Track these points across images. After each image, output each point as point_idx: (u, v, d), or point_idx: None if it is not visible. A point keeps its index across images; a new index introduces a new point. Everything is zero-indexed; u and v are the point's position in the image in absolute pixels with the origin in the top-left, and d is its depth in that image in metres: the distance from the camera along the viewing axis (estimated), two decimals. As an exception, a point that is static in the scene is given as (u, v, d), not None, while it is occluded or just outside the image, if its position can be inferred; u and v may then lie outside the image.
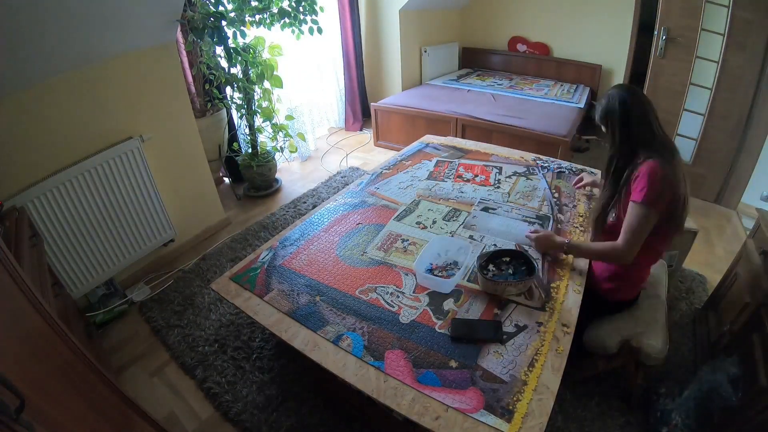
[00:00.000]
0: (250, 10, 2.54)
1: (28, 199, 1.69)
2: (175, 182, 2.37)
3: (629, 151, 1.32)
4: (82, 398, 0.97)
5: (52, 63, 1.68)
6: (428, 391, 1.07)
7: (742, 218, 2.69)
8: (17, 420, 0.62)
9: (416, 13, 4.19)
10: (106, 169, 1.94)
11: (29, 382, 0.77)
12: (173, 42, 2.20)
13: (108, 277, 2.06)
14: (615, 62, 4.13)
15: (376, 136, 3.97)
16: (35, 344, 0.94)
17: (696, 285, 2.13)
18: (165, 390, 1.68)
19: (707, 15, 2.55)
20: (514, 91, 4.05)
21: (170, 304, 2.07)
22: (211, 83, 2.77)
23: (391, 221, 1.79)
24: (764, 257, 1.46)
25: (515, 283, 1.35)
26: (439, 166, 2.27)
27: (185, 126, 2.37)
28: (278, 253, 1.64)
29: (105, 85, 1.93)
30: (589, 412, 1.49)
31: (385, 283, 1.45)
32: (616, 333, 1.41)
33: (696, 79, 2.72)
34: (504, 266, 1.44)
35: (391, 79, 4.39)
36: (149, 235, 2.21)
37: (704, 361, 1.58)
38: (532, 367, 1.12)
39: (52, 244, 1.80)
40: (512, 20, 4.68)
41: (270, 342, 1.80)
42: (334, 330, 1.28)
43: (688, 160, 2.92)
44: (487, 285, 1.38)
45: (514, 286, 1.35)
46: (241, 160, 3.04)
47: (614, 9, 3.93)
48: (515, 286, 1.35)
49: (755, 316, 1.37)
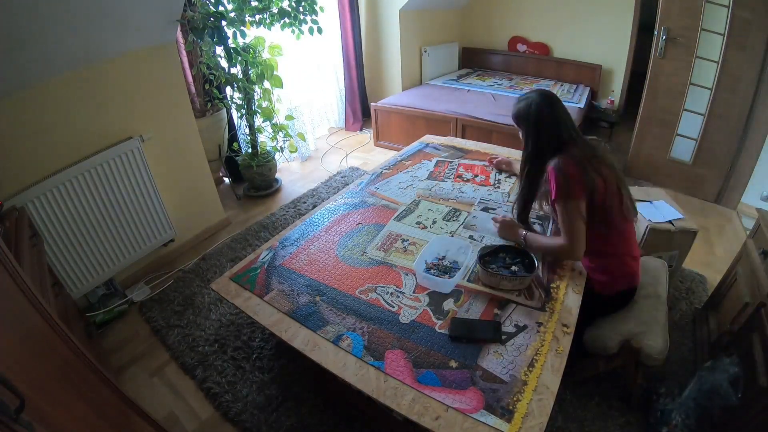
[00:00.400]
0: (250, 10, 2.54)
1: (28, 199, 1.69)
2: (175, 182, 2.37)
3: (539, 154, 1.40)
4: (82, 398, 0.97)
5: (52, 63, 1.68)
6: (428, 391, 1.07)
7: (742, 218, 2.69)
8: (17, 420, 0.62)
9: (416, 13, 4.19)
10: (106, 169, 1.94)
11: (29, 382, 0.77)
12: (173, 42, 2.20)
13: (108, 277, 2.06)
14: (615, 62, 4.13)
15: (376, 136, 3.97)
16: (35, 344, 0.94)
17: (696, 285, 2.13)
18: (165, 390, 1.68)
19: (707, 15, 2.55)
20: (514, 91, 4.05)
21: (170, 304, 2.07)
22: (211, 83, 2.77)
23: (391, 221, 1.79)
24: (764, 257, 1.46)
25: (510, 278, 1.35)
26: (439, 166, 2.27)
27: (185, 126, 2.37)
28: (278, 253, 1.64)
29: (105, 85, 1.93)
30: (589, 412, 1.49)
31: (385, 283, 1.45)
32: (617, 333, 1.41)
33: (696, 79, 2.72)
34: (505, 261, 1.45)
35: (391, 79, 4.39)
36: (149, 235, 2.21)
37: (704, 361, 1.58)
38: (532, 367, 1.12)
39: (52, 244, 1.80)
40: (512, 20, 4.68)
41: (270, 342, 1.80)
42: (334, 330, 1.28)
43: (688, 160, 2.92)
44: (483, 276, 1.40)
45: (509, 281, 1.36)
46: (241, 160, 3.04)
47: (614, 9, 3.93)
48: (510, 281, 1.36)
49: (755, 316, 1.37)
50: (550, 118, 1.37)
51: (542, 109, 1.37)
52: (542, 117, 1.37)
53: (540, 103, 1.38)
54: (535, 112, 1.38)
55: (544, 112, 1.37)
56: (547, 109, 1.38)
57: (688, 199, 2.92)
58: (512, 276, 1.37)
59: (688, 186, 2.98)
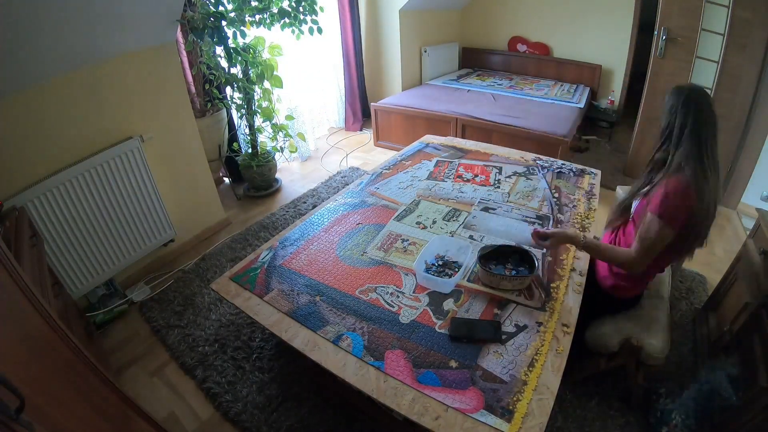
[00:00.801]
0: (250, 10, 2.54)
1: (28, 199, 1.69)
2: (175, 182, 2.37)
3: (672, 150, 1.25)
4: (82, 398, 0.97)
5: (52, 63, 1.68)
6: (428, 391, 1.07)
7: (742, 218, 2.69)
8: (17, 420, 0.62)
9: (416, 13, 4.19)
10: (106, 169, 1.94)
11: (29, 382, 0.77)
12: (173, 42, 2.20)
13: (108, 277, 2.06)
14: (615, 62, 4.13)
15: (376, 136, 3.97)
16: (35, 344, 0.94)
17: (696, 285, 2.13)
18: (165, 390, 1.68)
19: (707, 15, 2.55)
20: (514, 91, 4.05)
21: (170, 304, 2.07)
22: (211, 83, 2.77)
23: (391, 221, 1.79)
24: (764, 257, 1.46)
25: (510, 278, 1.36)
26: (439, 166, 2.27)
27: (185, 126, 2.37)
28: (278, 253, 1.64)
29: (105, 85, 1.93)
30: (589, 412, 1.49)
31: (385, 283, 1.45)
32: (618, 332, 1.41)
33: (696, 79, 2.72)
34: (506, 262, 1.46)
35: (391, 79, 4.39)
36: (149, 235, 2.21)
37: (704, 361, 1.58)
38: (532, 367, 1.12)
39: (52, 244, 1.80)
40: (512, 20, 4.69)
41: (270, 342, 1.80)
42: (334, 330, 1.28)
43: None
44: (483, 276, 1.40)
45: (509, 281, 1.36)
46: (241, 160, 3.04)
47: (614, 9, 3.93)
48: (510, 281, 1.36)
49: (755, 316, 1.37)
50: (708, 123, 1.22)
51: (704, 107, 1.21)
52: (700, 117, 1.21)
53: (705, 101, 1.23)
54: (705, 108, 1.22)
55: (712, 111, 1.22)
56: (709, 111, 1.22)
57: (688, 199, 2.92)
58: (512, 276, 1.37)
59: (688, 186, 2.98)
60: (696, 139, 1.21)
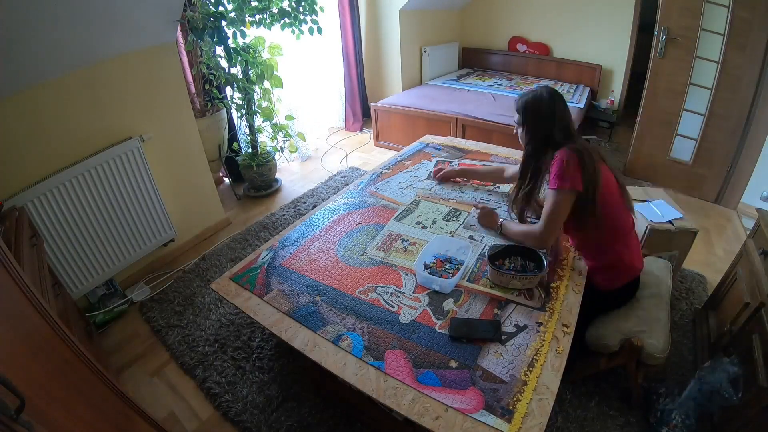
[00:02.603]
0: (250, 10, 2.54)
1: (28, 199, 1.69)
2: (175, 182, 2.37)
3: (542, 148, 1.40)
4: (82, 398, 0.97)
5: (52, 63, 1.68)
6: (428, 391, 1.07)
7: (742, 218, 2.69)
8: (17, 420, 0.62)
9: (416, 13, 4.19)
10: (106, 169, 1.94)
11: (29, 382, 0.77)
12: (173, 42, 2.20)
13: (108, 277, 2.06)
14: (615, 62, 4.13)
15: (376, 136, 3.97)
16: (35, 344, 0.94)
17: (696, 285, 2.13)
18: (165, 390, 1.68)
19: (707, 15, 2.55)
20: (514, 91, 4.05)
21: (170, 304, 2.07)
22: (211, 83, 2.77)
23: (391, 221, 1.79)
24: (764, 257, 1.46)
25: (521, 277, 1.36)
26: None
27: (185, 126, 2.37)
28: (278, 253, 1.64)
29: (105, 85, 1.93)
30: (589, 412, 1.49)
31: (385, 283, 1.45)
32: (618, 331, 1.41)
33: (696, 79, 2.72)
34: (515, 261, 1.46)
35: (391, 79, 4.39)
36: (149, 235, 2.21)
37: (704, 361, 1.58)
38: (532, 367, 1.12)
39: (52, 244, 1.80)
40: (512, 20, 4.68)
41: (270, 342, 1.80)
42: (334, 330, 1.28)
43: (688, 160, 2.92)
44: (493, 275, 1.40)
45: (519, 280, 1.36)
46: (241, 160, 3.05)
47: (614, 9, 3.93)
48: (520, 279, 1.37)
49: (755, 316, 1.37)
50: (555, 113, 1.38)
51: (549, 103, 1.39)
52: (550, 110, 1.38)
53: (546, 97, 1.39)
54: (545, 105, 1.39)
55: (552, 106, 1.38)
56: (554, 104, 1.39)
57: (688, 199, 2.92)
58: (523, 274, 1.38)
59: (688, 186, 2.98)
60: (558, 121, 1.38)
